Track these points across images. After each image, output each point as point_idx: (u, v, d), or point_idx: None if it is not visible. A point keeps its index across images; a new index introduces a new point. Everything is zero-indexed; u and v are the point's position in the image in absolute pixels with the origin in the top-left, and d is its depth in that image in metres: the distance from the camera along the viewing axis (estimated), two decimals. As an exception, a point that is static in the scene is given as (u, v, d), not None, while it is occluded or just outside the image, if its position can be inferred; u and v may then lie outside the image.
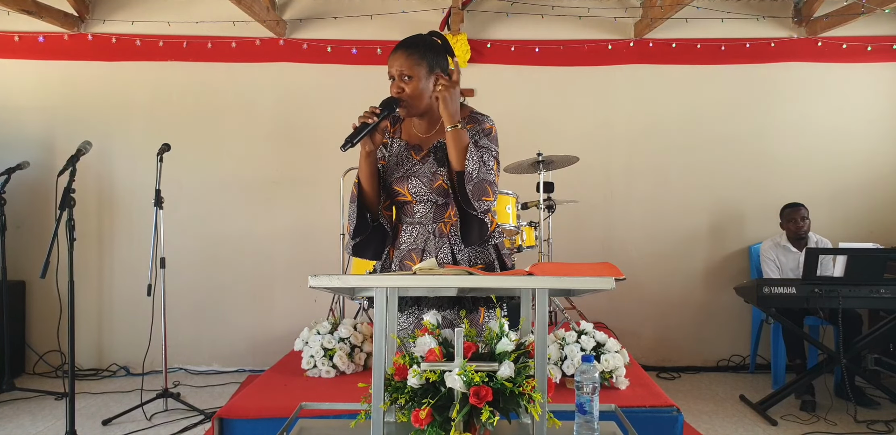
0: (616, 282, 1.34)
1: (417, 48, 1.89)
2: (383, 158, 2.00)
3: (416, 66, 1.87)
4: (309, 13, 4.60)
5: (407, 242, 1.96)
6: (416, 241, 1.95)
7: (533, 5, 4.45)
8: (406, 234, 1.97)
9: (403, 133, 2.02)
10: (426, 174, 1.92)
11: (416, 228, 1.96)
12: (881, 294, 3.36)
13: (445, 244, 1.93)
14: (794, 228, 4.03)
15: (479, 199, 1.81)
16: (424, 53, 1.88)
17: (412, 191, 1.93)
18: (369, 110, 1.83)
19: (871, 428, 3.27)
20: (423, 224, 1.95)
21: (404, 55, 1.87)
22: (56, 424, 3.36)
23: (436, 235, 1.94)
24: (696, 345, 4.61)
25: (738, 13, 4.54)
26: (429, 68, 1.89)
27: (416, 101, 1.89)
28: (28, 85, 4.52)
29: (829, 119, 4.62)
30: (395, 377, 1.36)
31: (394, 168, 1.97)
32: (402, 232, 1.98)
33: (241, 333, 4.55)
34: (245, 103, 4.58)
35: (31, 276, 4.41)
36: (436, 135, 1.95)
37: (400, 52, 1.88)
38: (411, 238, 1.96)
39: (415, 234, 1.96)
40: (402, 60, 1.87)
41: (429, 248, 1.94)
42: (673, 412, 2.66)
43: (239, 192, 4.57)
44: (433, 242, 1.94)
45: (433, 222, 1.95)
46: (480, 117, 1.95)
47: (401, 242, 1.97)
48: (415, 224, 1.96)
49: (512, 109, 4.64)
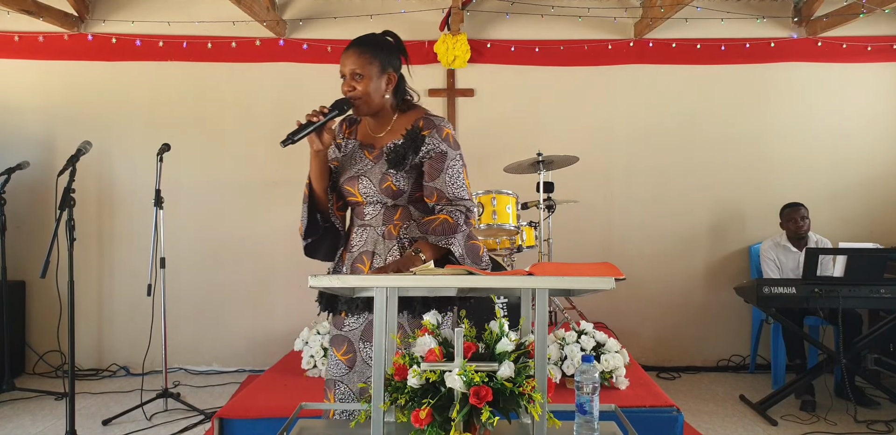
0: (616, 282, 1.34)
1: (370, 47, 1.87)
2: (336, 159, 1.98)
3: (367, 65, 1.84)
4: (309, 13, 4.60)
5: (358, 245, 1.93)
6: (367, 243, 1.91)
7: (533, 5, 4.45)
8: (357, 236, 1.94)
9: (359, 134, 2.00)
10: (376, 174, 1.88)
11: (366, 230, 1.93)
12: (881, 294, 3.36)
13: (395, 246, 1.89)
14: (794, 227, 4.03)
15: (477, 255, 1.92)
16: (376, 52, 1.86)
17: (362, 191, 1.89)
18: (318, 109, 1.82)
19: (871, 428, 3.27)
20: (373, 226, 1.92)
21: (356, 54, 1.85)
22: (56, 424, 3.36)
23: (385, 236, 1.90)
24: (696, 345, 4.61)
25: (738, 13, 4.54)
26: (381, 67, 1.86)
27: (368, 100, 1.86)
28: (28, 85, 4.52)
29: (829, 119, 4.62)
30: (395, 377, 1.36)
31: (346, 168, 1.95)
32: (354, 234, 1.95)
33: (241, 333, 4.55)
34: (245, 103, 4.58)
35: (31, 276, 4.41)
36: (388, 135, 1.92)
37: (352, 51, 1.85)
38: (362, 240, 1.93)
39: (365, 236, 1.92)
40: (353, 59, 1.84)
41: (378, 250, 1.89)
42: (673, 412, 2.66)
43: (239, 192, 4.57)
44: (382, 245, 1.90)
45: (382, 224, 1.91)
46: (437, 121, 1.90)
47: (352, 245, 1.95)
48: (365, 226, 1.93)
49: (512, 109, 4.64)
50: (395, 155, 1.87)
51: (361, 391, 1.86)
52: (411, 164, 1.86)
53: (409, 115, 1.94)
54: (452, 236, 1.81)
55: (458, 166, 1.88)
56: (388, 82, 1.89)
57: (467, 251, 1.87)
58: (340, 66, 1.86)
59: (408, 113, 1.95)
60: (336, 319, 1.95)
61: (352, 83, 1.85)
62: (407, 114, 1.95)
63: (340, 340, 1.92)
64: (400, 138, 1.89)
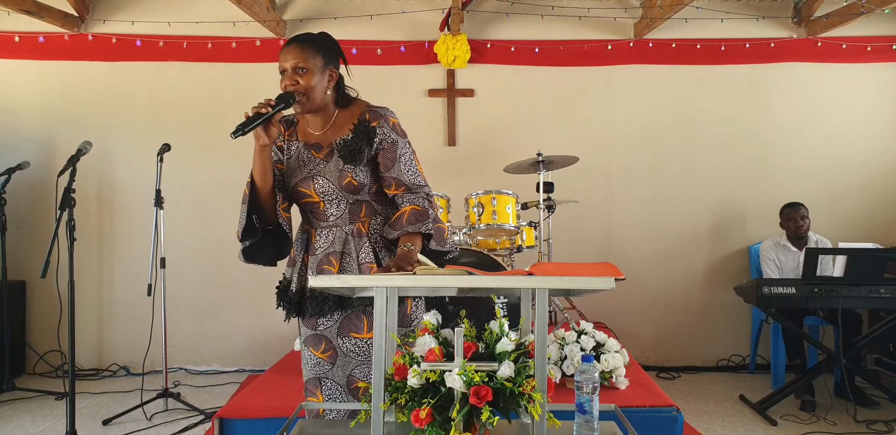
0: (616, 282, 1.34)
1: (313, 43, 1.88)
2: (280, 162, 1.94)
3: (311, 59, 1.85)
4: (309, 13, 4.60)
5: (323, 247, 1.88)
6: (334, 244, 1.87)
7: (533, 5, 4.45)
8: (322, 238, 1.89)
9: (299, 135, 1.96)
10: (332, 172, 1.86)
11: (332, 230, 1.89)
12: (881, 294, 3.36)
13: (366, 244, 1.87)
14: (794, 227, 4.03)
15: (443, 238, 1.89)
16: (319, 48, 1.87)
17: (319, 191, 1.87)
18: (264, 101, 1.79)
19: (871, 428, 3.27)
20: (340, 226, 1.88)
21: (299, 48, 1.85)
22: (56, 424, 3.36)
23: (355, 235, 1.88)
24: (696, 345, 4.61)
25: (738, 13, 4.54)
26: (324, 62, 1.87)
27: (311, 94, 1.85)
28: (28, 85, 4.52)
29: (828, 119, 4.62)
30: (395, 377, 1.36)
31: (295, 170, 1.91)
32: (317, 236, 1.90)
33: (241, 333, 4.55)
34: (245, 103, 4.50)
35: (31, 276, 4.41)
36: (332, 131, 1.91)
37: (294, 46, 1.86)
38: (328, 242, 1.88)
39: (331, 237, 1.88)
40: (296, 53, 1.85)
41: (348, 249, 1.87)
42: (673, 412, 2.66)
43: (239, 193, 4.50)
44: (353, 243, 1.87)
45: (350, 223, 1.88)
46: (382, 111, 1.91)
47: (316, 247, 1.90)
48: (330, 227, 1.89)
49: (512, 109, 4.64)
50: (349, 150, 1.85)
51: (349, 382, 1.88)
52: (367, 158, 1.86)
53: (351, 109, 1.94)
54: (428, 222, 1.83)
55: (409, 153, 1.91)
56: (329, 78, 1.89)
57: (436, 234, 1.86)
58: (280, 61, 1.87)
59: (349, 108, 1.94)
60: (308, 320, 1.96)
61: (294, 77, 1.85)
62: (349, 108, 1.94)
63: (317, 339, 1.92)
64: (348, 133, 1.88)
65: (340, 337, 1.89)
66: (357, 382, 1.87)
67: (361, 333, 1.87)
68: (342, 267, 1.86)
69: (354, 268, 1.86)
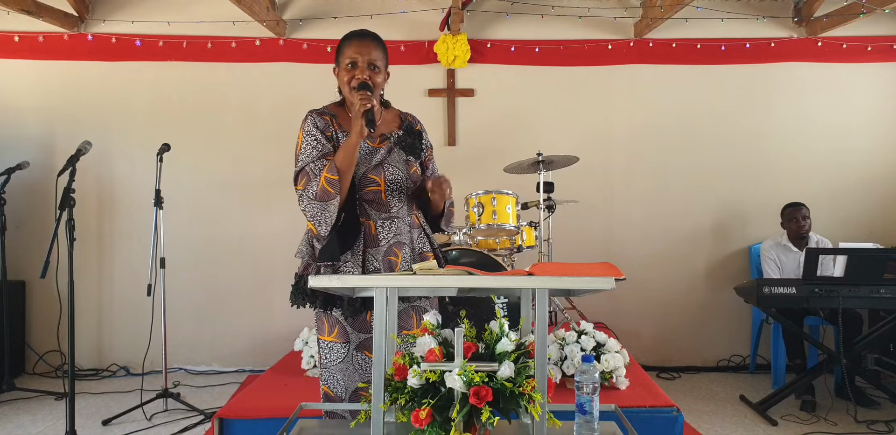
0: (616, 282, 1.34)
1: (382, 42, 1.93)
2: (331, 153, 1.89)
3: (383, 58, 1.92)
4: (309, 13, 4.60)
5: (387, 238, 1.91)
6: (396, 235, 1.92)
7: (533, 5, 4.45)
8: (384, 229, 1.91)
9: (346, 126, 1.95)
10: (399, 162, 1.94)
11: (393, 221, 1.92)
12: (881, 294, 3.36)
13: (421, 234, 2.00)
14: (796, 227, 4.03)
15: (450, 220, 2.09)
16: (385, 49, 1.94)
17: (389, 179, 1.91)
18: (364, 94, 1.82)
19: (872, 428, 3.27)
20: (401, 217, 1.94)
21: (375, 45, 1.90)
22: (56, 424, 3.36)
23: (412, 226, 1.98)
24: (696, 345, 4.61)
25: (738, 13, 4.54)
26: (387, 63, 1.97)
27: (376, 91, 1.91)
28: (28, 85, 4.52)
29: (829, 119, 4.62)
30: (395, 377, 1.36)
31: (360, 159, 1.90)
32: (378, 228, 1.91)
33: (241, 333, 4.55)
34: (245, 103, 4.58)
35: (31, 276, 4.40)
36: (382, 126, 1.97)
37: (370, 42, 1.89)
38: (391, 233, 1.92)
39: (394, 228, 1.92)
40: (371, 49, 1.89)
41: (406, 240, 1.95)
42: (673, 412, 2.66)
43: (239, 193, 4.57)
44: (410, 234, 1.96)
45: (408, 214, 1.97)
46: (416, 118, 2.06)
47: (379, 239, 1.90)
48: (392, 218, 1.92)
49: (512, 109, 4.64)
50: (410, 144, 1.97)
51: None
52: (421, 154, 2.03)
53: (390, 110, 2.05)
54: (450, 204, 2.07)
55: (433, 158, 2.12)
56: (385, 79, 1.98)
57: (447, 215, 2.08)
58: (351, 52, 1.88)
59: (388, 109, 2.05)
60: (356, 322, 1.93)
61: (368, 72, 1.88)
62: (388, 109, 2.05)
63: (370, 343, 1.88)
64: (395, 130, 1.98)
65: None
66: None
67: (412, 329, 1.91)
68: (403, 257, 1.93)
69: (415, 257, 1.96)
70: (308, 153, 1.87)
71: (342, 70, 1.91)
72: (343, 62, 1.90)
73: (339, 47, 1.94)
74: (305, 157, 1.87)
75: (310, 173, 1.84)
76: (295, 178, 1.88)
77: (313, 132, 1.89)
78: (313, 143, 1.88)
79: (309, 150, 1.87)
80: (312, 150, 1.87)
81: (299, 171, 1.87)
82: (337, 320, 1.93)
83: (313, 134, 1.89)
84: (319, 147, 1.88)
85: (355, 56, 1.87)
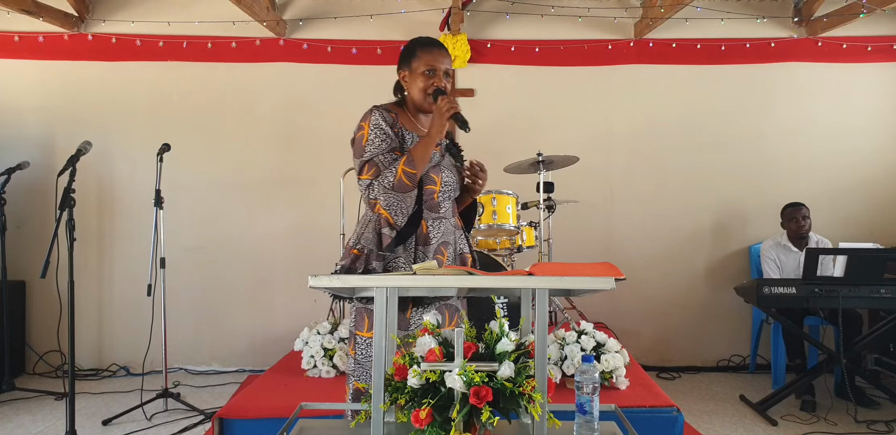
0: (616, 282, 1.34)
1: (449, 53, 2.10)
2: (399, 149, 1.96)
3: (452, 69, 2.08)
4: (309, 13, 4.60)
5: (436, 237, 1.99)
6: (444, 234, 2.01)
7: (533, 5, 4.45)
8: (434, 229, 1.99)
9: (408, 126, 2.03)
10: (451, 166, 2.08)
11: (441, 222, 2.01)
12: (881, 294, 3.36)
13: (461, 236, 2.10)
14: (796, 227, 4.03)
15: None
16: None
17: (445, 180, 2.01)
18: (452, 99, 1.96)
19: (872, 428, 3.27)
20: (447, 218, 2.04)
21: (447, 54, 2.04)
22: (56, 424, 3.36)
23: (456, 227, 2.08)
24: (696, 345, 4.61)
25: (738, 13, 4.54)
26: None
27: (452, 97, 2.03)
28: (28, 85, 4.52)
29: (829, 119, 4.62)
30: (395, 377, 1.36)
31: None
32: (429, 227, 1.98)
33: (241, 333, 4.55)
34: (245, 103, 4.58)
35: (31, 276, 4.40)
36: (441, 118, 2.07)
37: (445, 51, 2.05)
38: (440, 232, 2.00)
39: (442, 228, 2.01)
40: (448, 59, 2.04)
41: (452, 241, 2.04)
42: (673, 412, 2.66)
43: (239, 193, 4.57)
44: (454, 235, 2.06)
45: (452, 216, 2.07)
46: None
47: (431, 238, 1.98)
48: (440, 219, 2.01)
49: (512, 109, 4.64)
50: (457, 151, 2.14)
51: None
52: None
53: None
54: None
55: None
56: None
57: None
58: (434, 61, 2.00)
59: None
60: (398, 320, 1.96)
61: (444, 80, 2.02)
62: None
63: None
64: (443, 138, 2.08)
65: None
66: None
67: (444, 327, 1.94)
68: (448, 257, 2.03)
69: (456, 257, 2.06)
70: (377, 145, 1.94)
71: (418, 75, 2.01)
72: (419, 68, 2.00)
73: (413, 52, 2.03)
74: (374, 149, 1.93)
75: (379, 165, 1.92)
76: (360, 167, 1.95)
77: (382, 126, 1.95)
78: (382, 136, 1.95)
79: (378, 142, 1.94)
80: (381, 143, 1.94)
81: (367, 161, 1.94)
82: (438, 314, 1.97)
83: (382, 128, 1.95)
84: (388, 141, 1.95)
85: (435, 64, 1.99)
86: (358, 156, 1.96)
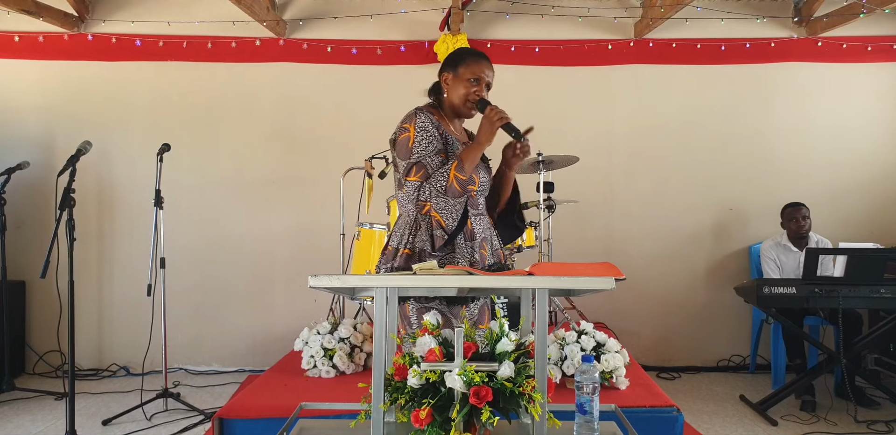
0: (616, 282, 1.34)
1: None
2: (444, 151, 2.03)
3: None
4: (309, 13, 4.60)
5: (479, 232, 2.06)
6: (484, 230, 2.08)
7: (533, 5, 4.45)
8: (477, 225, 2.06)
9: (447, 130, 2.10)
10: (484, 167, 2.15)
11: (481, 218, 2.10)
12: (881, 294, 3.36)
13: (494, 232, 2.16)
14: (796, 227, 4.03)
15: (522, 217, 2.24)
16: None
17: (482, 181, 2.09)
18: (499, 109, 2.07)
19: (872, 428, 3.27)
20: (485, 215, 2.13)
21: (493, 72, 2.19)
22: (56, 424, 3.36)
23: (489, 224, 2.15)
24: (696, 345, 4.61)
25: (738, 13, 4.54)
26: None
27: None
28: (28, 85, 4.52)
29: (829, 119, 4.62)
30: (395, 377, 1.36)
31: None
32: (473, 224, 2.05)
33: (241, 333, 4.55)
34: (245, 103, 4.58)
35: (31, 276, 4.40)
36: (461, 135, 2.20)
37: (490, 63, 2.16)
38: (481, 228, 2.07)
39: (483, 224, 2.09)
40: (492, 75, 2.18)
41: (489, 236, 2.11)
42: (673, 412, 2.66)
43: (239, 192, 4.57)
44: (492, 232, 2.14)
45: (486, 214, 2.15)
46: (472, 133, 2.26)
47: (476, 233, 2.04)
48: (480, 215, 2.09)
49: (512, 109, 4.58)
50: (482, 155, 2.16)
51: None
52: None
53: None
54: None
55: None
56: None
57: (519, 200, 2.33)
58: (479, 72, 2.14)
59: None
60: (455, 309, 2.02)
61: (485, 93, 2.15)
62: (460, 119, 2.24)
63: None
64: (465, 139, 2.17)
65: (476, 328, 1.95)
66: None
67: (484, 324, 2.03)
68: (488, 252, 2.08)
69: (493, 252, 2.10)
70: (425, 147, 1.99)
71: (462, 81, 2.12)
72: (465, 75, 2.13)
73: (463, 58, 2.17)
74: (422, 151, 1.98)
75: (427, 167, 1.97)
76: (408, 169, 1.98)
77: (429, 128, 2.01)
78: (429, 138, 2.00)
79: (425, 144, 1.99)
80: (429, 145, 1.99)
81: (415, 163, 1.97)
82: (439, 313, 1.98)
83: (429, 130, 2.00)
84: (436, 143, 2.01)
85: (483, 75, 2.14)
86: (405, 157, 1.99)
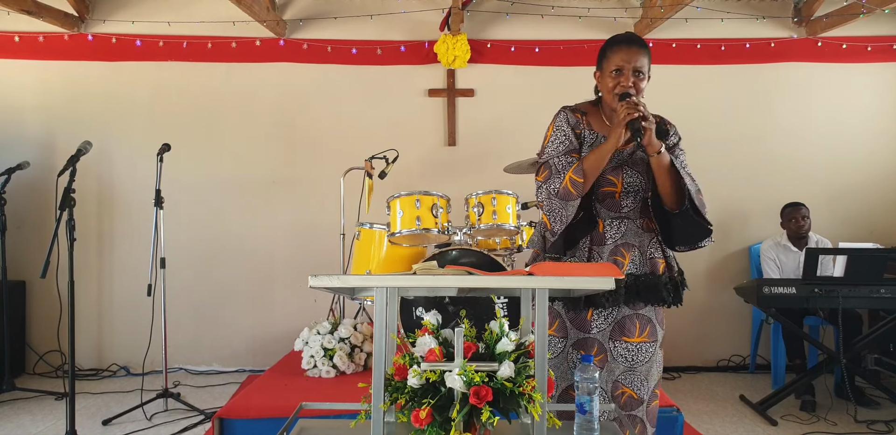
0: (616, 282, 1.34)
1: (647, 48, 1.90)
2: (576, 151, 1.92)
3: (648, 67, 1.89)
4: (309, 13, 4.60)
5: (614, 238, 1.92)
6: (625, 235, 1.92)
7: (533, 5, 4.45)
8: (612, 229, 1.93)
9: (594, 125, 1.97)
10: (640, 164, 1.92)
11: (622, 222, 1.93)
12: (881, 294, 3.36)
13: (654, 239, 1.95)
14: (795, 227, 4.03)
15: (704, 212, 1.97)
16: (650, 53, 1.90)
17: (627, 181, 1.91)
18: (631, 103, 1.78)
19: (871, 428, 3.27)
20: (631, 219, 1.94)
21: (643, 53, 1.87)
22: (56, 424, 3.36)
23: (644, 229, 1.95)
24: (696, 345, 4.61)
25: (738, 13, 4.54)
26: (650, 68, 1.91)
27: (639, 97, 1.87)
28: (28, 85, 4.52)
29: (828, 119, 4.62)
30: (395, 377, 1.36)
31: None
32: (606, 227, 1.93)
33: (241, 333, 4.55)
34: (245, 103, 4.58)
35: (31, 276, 4.40)
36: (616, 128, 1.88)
37: (638, 48, 1.86)
38: (619, 233, 1.92)
39: (622, 229, 1.93)
40: (640, 57, 1.86)
41: (637, 243, 1.92)
42: (673, 412, 2.66)
43: (239, 192, 4.57)
44: (641, 237, 1.93)
45: (640, 217, 1.95)
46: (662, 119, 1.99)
47: (606, 238, 1.92)
48: (621, 219, 1.93)
49: (512, 109, 4.64)
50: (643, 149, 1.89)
51: (614, 388, 1.90)
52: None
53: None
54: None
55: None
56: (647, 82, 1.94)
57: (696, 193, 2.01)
58: (618, 59, 1.86)
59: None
60: (578, 321, 1.93)
61: (633, 79, 1.86)
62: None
63: (589, 343, 1.91)
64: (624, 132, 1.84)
65: (612, 340, 1.90)
66: (622, 388, 1.91)
67: (633, 337, 1.91)
68: (632, 259, 1.91)
69: (644, 261, 1.92)
70: (555, 147, 1.92)
71: (607, 76, 1.91)
72: (608, 68, 1.90)
73: (603, 53, 1.94)
74: (551, 151, 1.92)
75: (552, 168, 1.90)
76: (538, 169, 1.95)
77: (564, 127, 1.93)
78: (561, 138, 1.93)
79: (556, 144, 1.92)
80: (559, 145, 1.92)
81: (543, 163, 1.93)
82: (558, 314, 1.95)
83: (563, 129, 1.93)
84: (567, 143, 1.92)
85: (622, 63, 1.86)
86: (539, 156, 1.97)
